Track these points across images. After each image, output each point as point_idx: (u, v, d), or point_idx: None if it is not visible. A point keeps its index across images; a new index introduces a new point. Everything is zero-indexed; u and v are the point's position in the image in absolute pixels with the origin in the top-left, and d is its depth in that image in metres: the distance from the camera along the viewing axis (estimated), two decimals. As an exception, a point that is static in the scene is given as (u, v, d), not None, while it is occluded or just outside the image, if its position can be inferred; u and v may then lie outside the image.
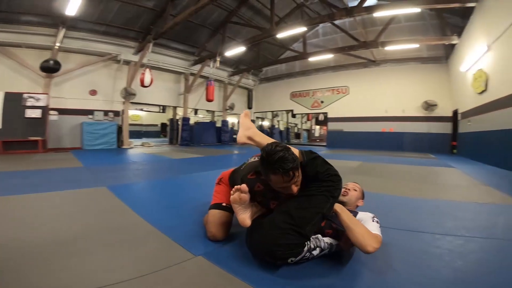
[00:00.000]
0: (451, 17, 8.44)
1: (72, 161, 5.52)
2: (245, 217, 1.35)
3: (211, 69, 11.03)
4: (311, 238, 1.26)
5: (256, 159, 1.59)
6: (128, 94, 9.46)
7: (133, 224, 1.86)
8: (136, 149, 9.09)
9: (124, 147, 9.41)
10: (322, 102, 13.47)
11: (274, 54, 13.63)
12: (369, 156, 8.00)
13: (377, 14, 7.07)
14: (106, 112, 9.37)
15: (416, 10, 6.75)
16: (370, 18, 9.89)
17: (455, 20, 8.29)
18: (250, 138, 1.60)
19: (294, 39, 12.25)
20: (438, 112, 10.32)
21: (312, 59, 11.30)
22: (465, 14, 7.26)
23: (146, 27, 9.17)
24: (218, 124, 14.22)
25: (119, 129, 9.50)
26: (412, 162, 6.51)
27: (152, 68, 9.72)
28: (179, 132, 11.91)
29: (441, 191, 3.38)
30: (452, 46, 8.92)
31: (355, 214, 1.47)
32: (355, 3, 7.26)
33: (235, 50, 9.92)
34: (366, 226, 1.30)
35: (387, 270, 1.26)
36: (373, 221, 1.39)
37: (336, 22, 9.06)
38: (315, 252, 1.26)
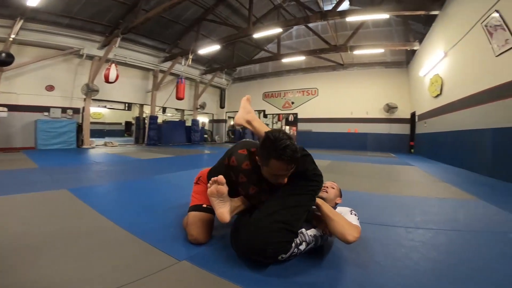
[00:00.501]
0: (414, 24, 9.11)
1: (25, 162, 4.97)
2: (223, 211, 1.29)
3: (183, 67, 10.66)
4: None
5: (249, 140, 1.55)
6: (90, 90, 8.78)
7: (104, 229, 1.69)
8: (99, 149, 8.48)
9: (84, 146, 8.74)
10: (292, 103, 13.78)
11: (249, 54, 13.63)
12: (337, 155, 8.34)
13: (350, 18, 7.42)
14: (64, 109, 8.62)
15: (385, 16, 7.18)
16: (342, 22, 10.34)
17: (418, 27, 8.95)
18: (248, 122, 1.61)
19: (268, 40, 12.38)
20: (398, 114, 11.14)
21: (285, 60, 11.49)
22: (428, 22, 7.84)
23: (115, 22, 8.58)
24: (188, 123, 13.84)
25: (79, 128, 8.80)
26: (376, 161, 6.92)
27: (118, 63, 9.14)
28: (146, 131, 11.35)
29: (405, 187, 3.61)
30: (413, 52, 9.63)
31: (334, 209, 1.51)
32: (330, 7, 7.52)
33: (209, 49, 9.73)
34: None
35: (370, 263, 1.30)
36: (351, 213, 1.44)
37: (310, 25, 9.31)
38: (302, 247, 1.26)
